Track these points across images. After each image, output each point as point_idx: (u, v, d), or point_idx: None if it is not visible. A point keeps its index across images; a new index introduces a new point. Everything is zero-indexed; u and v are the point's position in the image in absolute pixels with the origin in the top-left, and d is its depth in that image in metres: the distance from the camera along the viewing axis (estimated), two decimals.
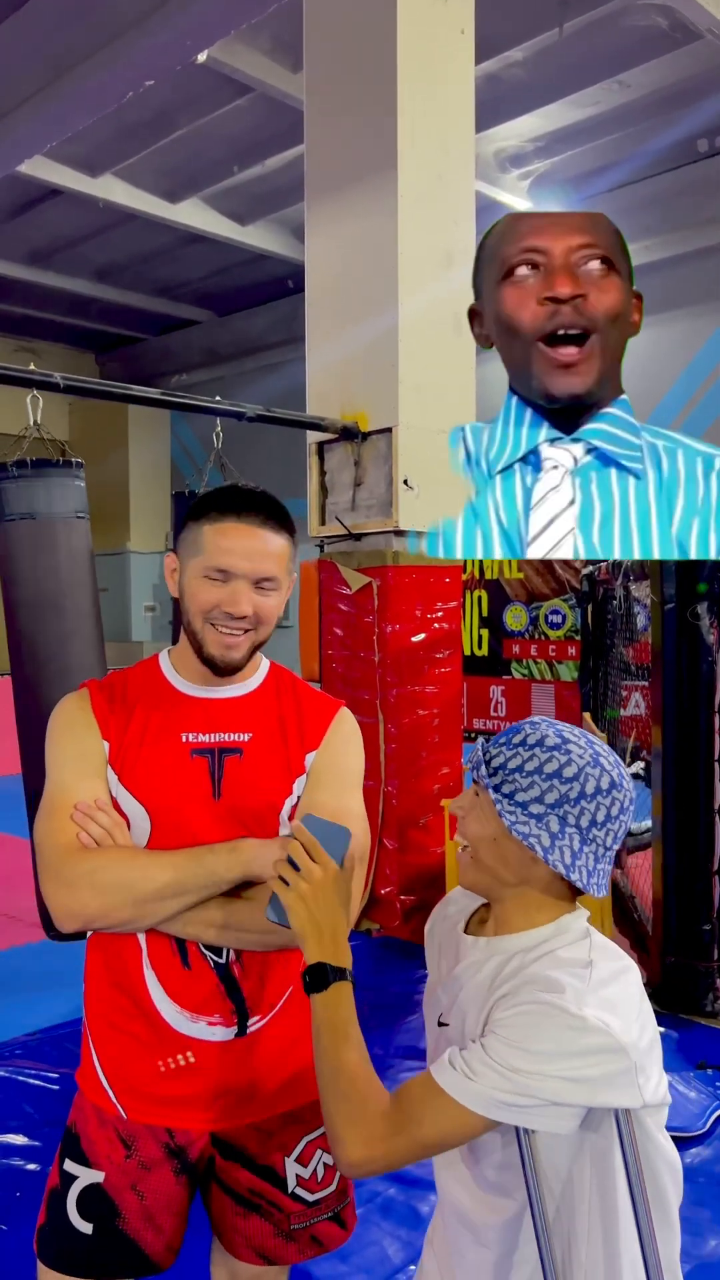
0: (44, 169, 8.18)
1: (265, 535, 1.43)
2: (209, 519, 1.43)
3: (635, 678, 5.35)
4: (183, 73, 6.32)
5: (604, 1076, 1.09)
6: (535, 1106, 1.10)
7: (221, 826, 1.44)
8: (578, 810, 1.16)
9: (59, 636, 3.36)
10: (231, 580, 1.41)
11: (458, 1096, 1.12)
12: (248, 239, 9.89)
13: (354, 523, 4.69)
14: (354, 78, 4.54)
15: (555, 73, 7.18)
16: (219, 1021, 1.45)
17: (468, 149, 4.77)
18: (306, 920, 1.25)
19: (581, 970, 1.15)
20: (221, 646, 1.43)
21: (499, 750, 1.21)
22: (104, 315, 12.51)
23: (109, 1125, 1.48)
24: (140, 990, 1.45)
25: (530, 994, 1.14)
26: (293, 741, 1.51)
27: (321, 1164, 1.57)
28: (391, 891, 4.62)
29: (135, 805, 1.43)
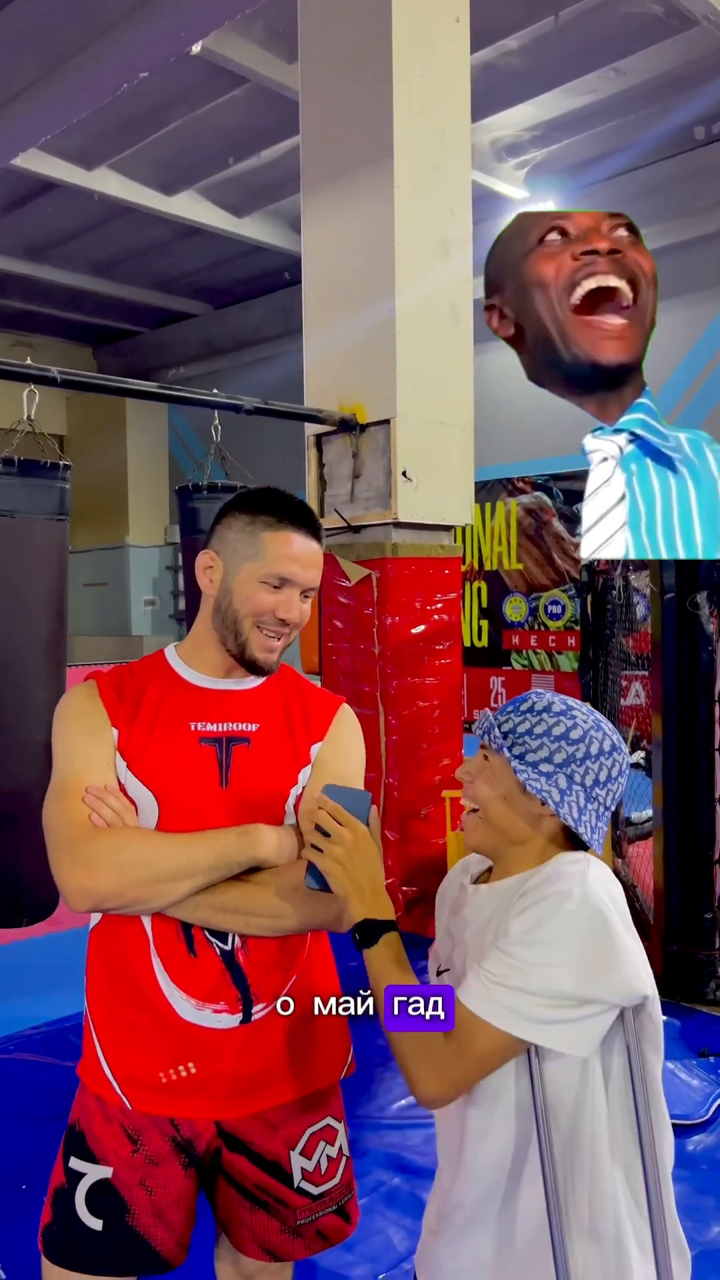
0: (38, 162, 8.14)
1: (315, 545, 1.52)
2: (265, 525, 1.48)
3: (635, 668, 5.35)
4: (177, 64, 6.29)
5: (608, 953, 1.19)
6: (557, 1022, 1.18)
7: (228, 814, 1.46)
8: (583, 769, 1.27)
9: (20, 634, 3.32)
10: (287, 587, 1.48)
11: (486, 1017, 1.20)
12: (244, 231, 9.84)
13: (353, 515, 4.69)
14: (349, 68, 4.53)
15: (551, 61, 7.14)
16: (224, 1009, 1.46)
17: (464, 138, 4.76)
18: (347, 881, 1.31)
19: (579, 864, 1.26)
20: (265, 649, 1.50)
21: (508, 717, 1.31)
22: (100, 309, 12.47)
23: (114, 1120, 1.49)
24: (146, 978, 1.46)
25: (535, 895, 1.23)
26: (299, 732, 1.55)
27: (325, 1156, 1.58)
28: (393, 883, 4.63)
29: (144, 792, 1.46)
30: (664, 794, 3.75)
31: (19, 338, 12.96)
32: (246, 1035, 1.47)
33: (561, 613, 9.85)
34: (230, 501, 1.55)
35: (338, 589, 4.79)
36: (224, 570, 1.50)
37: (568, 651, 9.77)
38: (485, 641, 10.24)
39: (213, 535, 1.54)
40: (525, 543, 10.06)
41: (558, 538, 9.81)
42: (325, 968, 1.60)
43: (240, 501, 1.54)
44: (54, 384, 3.51)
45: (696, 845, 3.71)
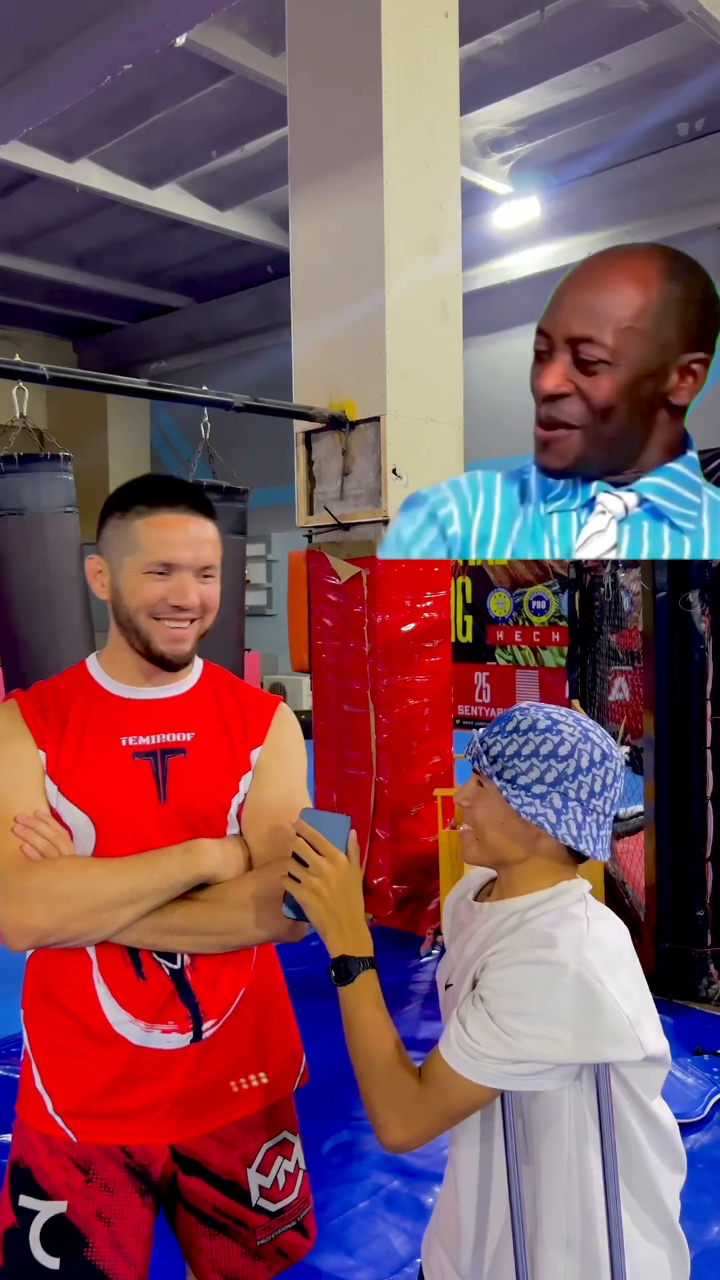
0: (19, 154, 8.06)
1: (201, 523, 1.41)
2: (137, 513, 1.39)
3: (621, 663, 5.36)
4: (160, 56, 6.23)
5: (602, 1033, 1.14)
6: (539, 1072, 1.15)
7: (169, 830, 1.40)
8: (576, 784, 1.23)
9: (50, 633, 3.33)
10: (175, 572, 1.38)
11: (465, 1074, 1.17)
12: (227, 224, 9.79)
13: (342, 512, 4.66)
14: (338, 62, 4.50)
15: (536, 56, 7.13)
16: (174, 1028, 1.41)
17: (453, 133, 4.74)
18: (325, 913, 1.27)
19: (576, 926, 1.20)
20: (170, 641, 1.40)
21: (494, 739, 1.27)
22: (81, 302, 12.37)
23: (60, 1154, 1.41)
24: (89, 1004, 1.40)
25: (526, 951, 1.19)
26: (237, 738, 1.48)
27: (282, 1171, 1.53)
28: (384, 881, 4.63)
29: (78, 815, 1.38)
30: (656, 791, 3.76)
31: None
32: (197, 1053, 1.42)
33: (546, 608, 9.86)
34: (107, 499, 1.46)
35: (327, 587, 4.77)
36: (110, 571, 1.42)
37: (552, 647, 9.79)
38: (470, 637, 10.24)
39: (98, 538, 1.46)
40: None
41: None
42: (272, 976, 1.56)
43: (114, 496, 1.45)
44: (43, 381, 3.47)
45: (688, 843, 3.72)
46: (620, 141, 8.48)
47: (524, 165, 8.88)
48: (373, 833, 4.64)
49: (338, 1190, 2.58)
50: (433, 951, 4.34)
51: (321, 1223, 2.43)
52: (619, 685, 5.49)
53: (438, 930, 4.51)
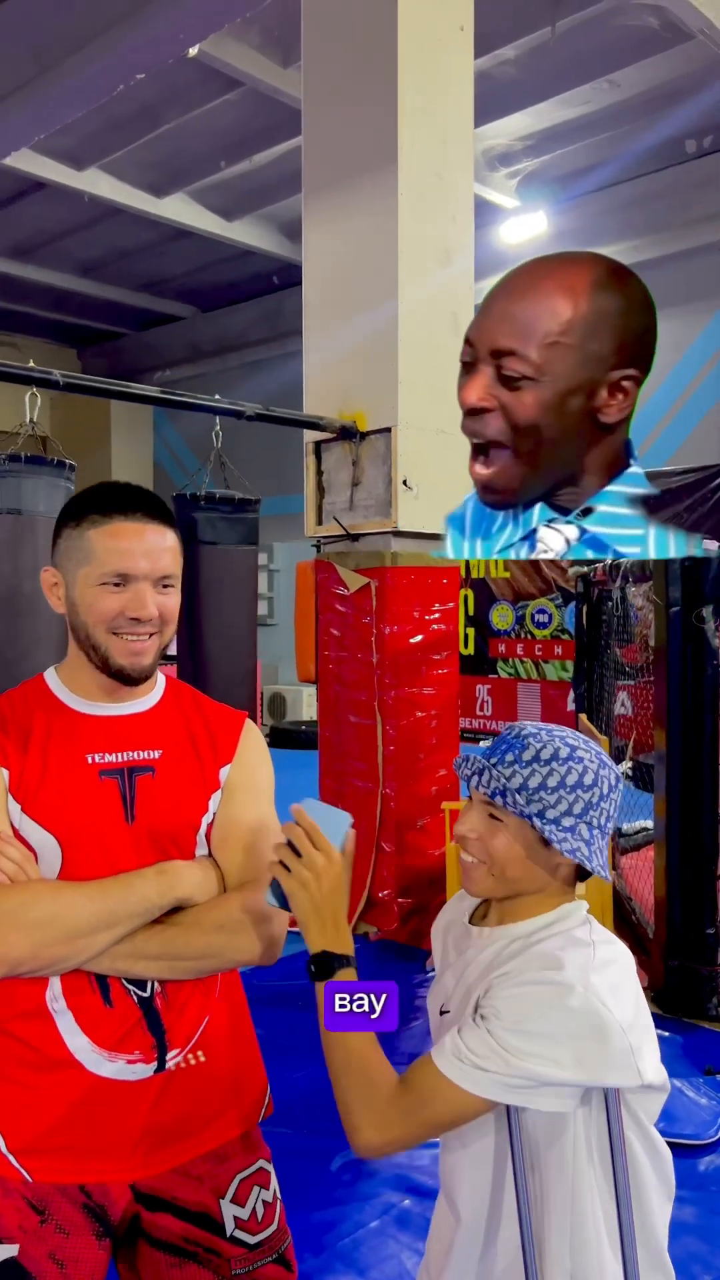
0: (28, 162, 8.07)
1: (159, 531, 1.35)
2: (91, 522, 1.33)
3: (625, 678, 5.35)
4: (171, 66, 6.25)
5: (602, 1058, 1.12)
6: (534, 1088, 1.13)
7: (138, 851, 1.35)
8: (598, 812, 1.22)
9: (30, 638, 3.28)
10: (132, 583, 1.33)
11: (459, 1081, 1.15)
12: (233, 234, 9.80)
13: (352, 523, 4.65)
14: (354, 74, 4.50)
15: (546, 71, 7.15)
16: (138, 1058, 1.34)
17: (467, 146, 4.75)
18: (309, 907, 1.23)
19: (583, 951, 1.19)
20: (129, 654, 1.35)
21: (513, 771, 1.22)
22: (86, 310, 12.39)
23: (14, 1194, 1.33)
24: (48, 1033, 1.32)
25: (532, 973, 1.17)
26: (206, 756, 1.44)
27: (260, 1202, 1.46)
28: (389, 894, 4.59)
29: (43, 835, 1.32)
30: (666, 807, 3.74)
31: (2, 338, 12.86)
32: (160, 1084, 1.35)
33: (548, 621, 9.85)
34: (62, 509, 1.41)
35: (335, 597, 4.75)
36: (65, 583, 1.36)
37: (554, 660, 9.78)
38: (472, 649, 10.22)
39: (52, 550, 1.39)
40: None
41: None
42: (235, 1000, 1.49)
43: (68, 506, 1.39)
44: (56, 387, 3.46)
45: (699, 859, 3.70)
46: (628, 157, 8.50)
47: (531, 180, 8.90)
48: (378, 845, 4.61)
49: (348, 1209, 2.54)
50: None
51: (332, 1242, 2.41)
52: (622, 699, 5.48)
53: None
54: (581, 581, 5.74)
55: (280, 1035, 3.50)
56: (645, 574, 4.02)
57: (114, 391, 3.71)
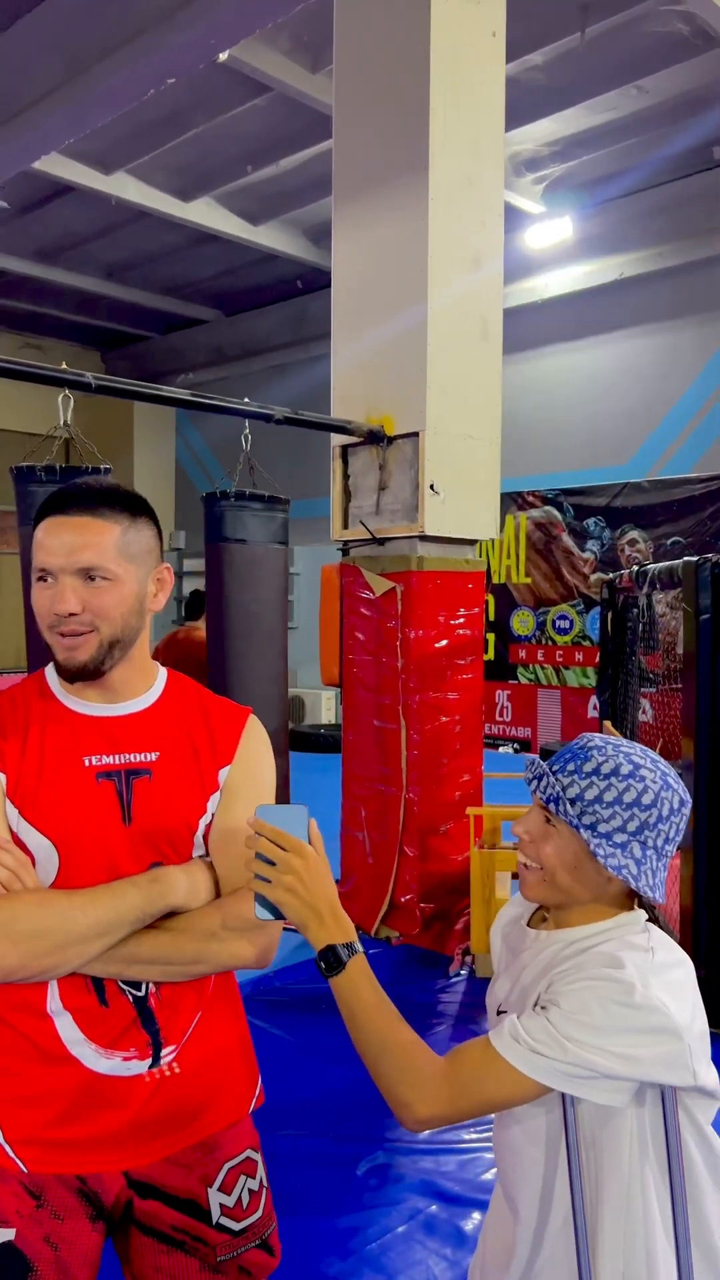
0: (57, 165, 8.12)
1: (90, 525, 1.33)
2: (36, 527, 1.36)
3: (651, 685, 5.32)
4: (200, 71, 6.28)
5: (657, 1057, 1.13)
6: (589, 1078, 1.15)
7: (135, 854, 1.36)
8: (655, 833, 1.22)
9: None
10: (55, 578, 1.33)
11: (514, 1062, 1.16)
12: (259, 239, 9.83)
13: (378, 527, 4.65)
14: (385, 80, 4.51)
15: (574, 77, 7.15)
16: (134, 1055, 1.37)
17: (497, 151, 4.75)
18: (303, 908, 1.23)
19: (643, 953, 1.20)
20: (64, 650, 1.35)
21: (572, 780, 1.23)
22: (111, 313, 12.45)
23: (11, 1180, 1.36)
24: (46, 1031, 1.35)
25: (593, 969, 1.18)
26: (204, 757, 1.43)
27: (246, 1190, 1.49)
28: (412, 899, 4.59)
29: (40, 839, 1.33)
30: (695, 816, 3.71)
31: (28, 340, 12.94)
32: (155, 1080, 1.39)
33: (570, 628, 9.82)
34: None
35: (361, 601, 4.75)
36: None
37: (575, 667, 9.75)
38: (492, 655, 10.21)
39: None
40: (534, 557, 10.04)
41: (567, 552, 9.80)
42: (229, 997, 1.52)
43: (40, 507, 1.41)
44: (88, 389, 3.48)
45: None
46: (654, 164, 8.49)
47: (557, 185, 8.90)
48: (401, 850, 4.61)
49: (375, 1213, 2.54)
50: (461, 972, 4.30)
51: (359, 1247, 2.41)
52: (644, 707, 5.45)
53: (466, 949, 4.46)
54: (606, 588, 5.72)
55: (304, 1040, 3.51)
56: (673, 580, 4.00)
57: (145, 394, 3.72)
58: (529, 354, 9.95)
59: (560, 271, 9.62)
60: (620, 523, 9.33)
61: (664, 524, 9.01)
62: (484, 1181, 2.66)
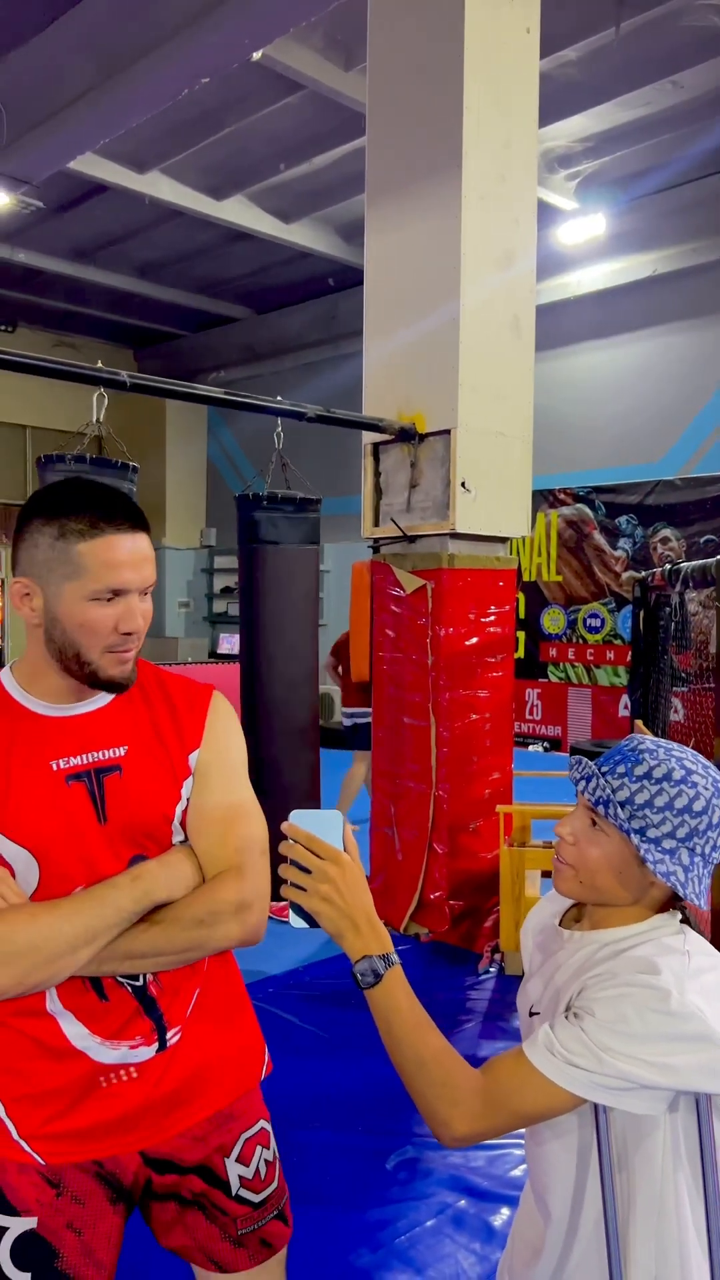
0: (91, 165, 8.18)
1: (140, 538, 1.34)
2: (77, 535, 1.29)
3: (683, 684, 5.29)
4: (233, 70, 6.30)
5: (696, 1065, 1.11)
6: (626, 1089, 1.12)
7: (114, 851, 1.35)
8: (704, 840, 1.19)
9: None
10: (120, 598, 1.32)
11: (550, 1075, 1.14)
12: (292, 237, 9.85)
13: (409, 524, 4.66)
14: (419, 77, 4.51)
15: (609, 72, 7.10)
16: (140, 1042, 1.38)
17: (531, 148, 4.74)
18: (340, 918, 1.20)
19: (679, 958, 1.17)
20: (119, 665, 1.35)
21: (622, 783, 1.21)
22: (144, 311, 12.52)
23: (29, 1170, 1.37)
24: (49, 1030, 1.35)
25: (627, 975, 1.16)
26: (172, 745, 1.42)
27: (262, 1160, 1.51)
28: (440, 896, 4.59)
29: (16, 850, 1.31)
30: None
31: (62, 338, 13.04)
32: (163, 1061, 1.40)
33: (601, 626, 9.77)
34: (27, 509, 1.34)
35: (390, 598, 4.76)
36: (44, 595, 1.32)
37: (606, 665, 9.70)
38: (522, 653, 10.18)
39: (19, 555, 1.34)
40: (565, 555, 10.00)
41: (598, 550, 9.75)
42: (226, 967, 1.52)
43: (39, 509, 1.33)
44: (123, 387, 3.51)
45: None
46: (688, 159, 8.42)
47: (590, 181, 8.84)
48: (430, 847, 4.62)
49: (404, 1207, 2.55)
50: (490, 970, 4.30)
51: (389, 1240, 2.42)
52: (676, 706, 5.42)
53: (495, 947, 4.46)
54: (638, 586, 5.69)
55: (334, 1034, 3.53)
56: (706, 579, 3.97)
57: (179, 392, 3.75)
58: (561, 351, 9.91)
59: (593, 268, 9.56)
60: (652, 521, 9.27)
61: (697, 522, 8.94)
62: (513, 1177, 2.67)
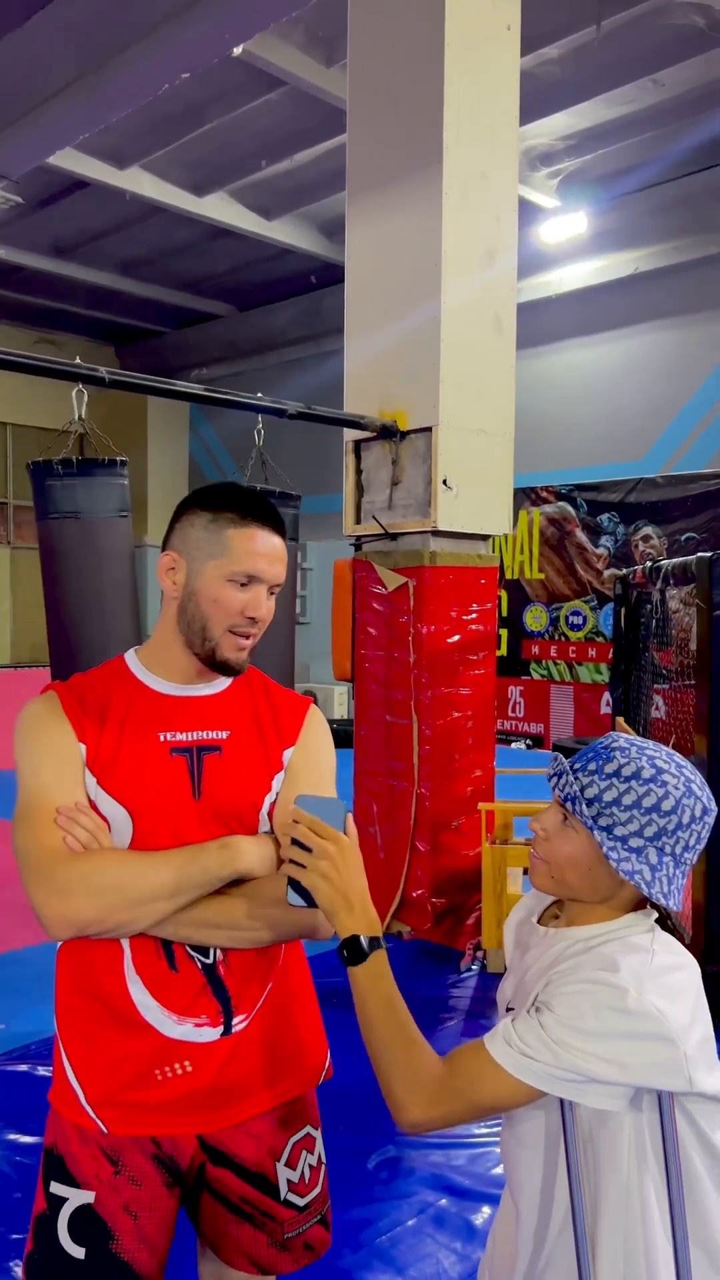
0: (72, 160, 8.13)
1: (280, 541, 1.48)
2: (230, 522, 1.44)
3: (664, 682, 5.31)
4: (214, 66, 6.27)
5: (649, 1063, 1.12)
6: (581, 1082, 1.14)
7: (203, 826, 1.43)
8: (674, 840, 1.19)
9: (101, 637, 3.35)
10: (254, 585, 1.44)
11: (506, 1066, 1.16)
12: (273, 234, 9.82)
13: (391, 522, 4.65)
14: (399, 74, 4.50)
15: (590, 70, 7.11)
16: (205, 1022, 1.44)
17: (511, 145, 4.74)
18: (335, 895, 1.27)
19: (642, 956, 1.18)
20: (236, 649, 1.46)
21: (591, 780, 1.22)
22: (125, 308, 12.46)
23: (92, 1143, 1.44)
24: (121, 996, 1.42)
25: (588, 971, 1.17)
26: (270, 738, 1.52)
27: (307, 1165, 1.56)
28: (423, 894, 4.59)
29: (116, 808, 1.41)
30: None
31: (43, 335, 12.97)
32: (227, 1047, 1.45)
33: (583, 623, 9.80)
34: (189, 499, 1.50)
35: (373, 596, 4.75)
36: (187, 570, 1.45)
37: (588, 663, 9.73)
38: (504, 650, 10.19)
39: (172, 535, 1.49)
40: (547, 552, 10.02)
41: (580, 548, 9.78)
42: (300, 972, 1.58)
43: (201, 499, 1.48)
44: (101, 384, 3.49)
45: None
46: (669, 158, 8.44)
47: (572, 180, 8.86)
48: (413, 845, 4.61)
49: (385, 1206, 2.55)
50: (472, 967, 4.30)
51: (370, 1239, 2.41)
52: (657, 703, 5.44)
53: (477, 945, 4.46)
54: (620, 583, 5.71)
55: None
56: (687, 576, 3.99)
57: (159, 389, 3.73)
58: (543, 349, 9.92)
59: (574, 266, 9.59)
60: (634, 518, 9.30)
61: (678, 520, 8.98)
62: (494, 1176, 2.67)
